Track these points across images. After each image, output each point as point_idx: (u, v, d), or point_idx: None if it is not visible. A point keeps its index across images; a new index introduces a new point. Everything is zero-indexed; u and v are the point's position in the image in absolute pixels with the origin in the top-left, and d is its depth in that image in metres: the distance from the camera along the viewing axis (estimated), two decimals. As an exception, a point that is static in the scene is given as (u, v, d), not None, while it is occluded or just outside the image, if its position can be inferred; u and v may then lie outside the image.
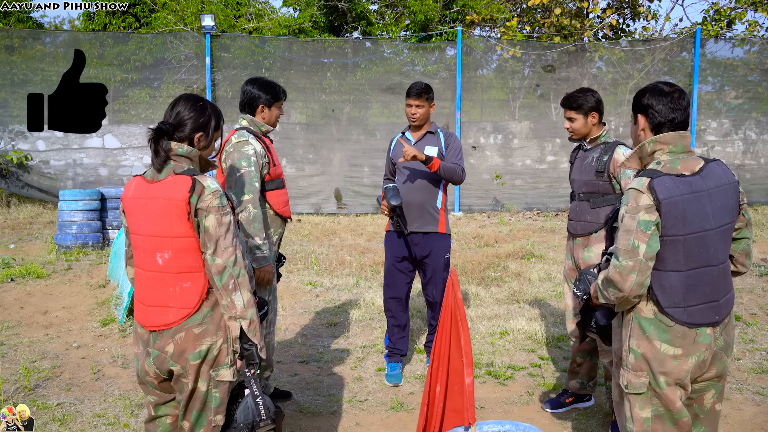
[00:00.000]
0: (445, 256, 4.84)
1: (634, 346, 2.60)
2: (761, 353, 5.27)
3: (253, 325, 2.67)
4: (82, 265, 7.96)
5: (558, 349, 5.45)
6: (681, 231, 2.49)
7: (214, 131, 2.81)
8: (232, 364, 2.72)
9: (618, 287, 2.52)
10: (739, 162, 13.26)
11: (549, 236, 9.98)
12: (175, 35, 12.66)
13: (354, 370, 5.10)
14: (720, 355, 2.62)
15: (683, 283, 2.52)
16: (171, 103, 2.77)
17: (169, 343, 2.66)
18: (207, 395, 2.70)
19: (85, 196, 8.99)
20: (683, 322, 2.52)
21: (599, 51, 13.42)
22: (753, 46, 13.55)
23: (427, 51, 13.25)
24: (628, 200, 2.52)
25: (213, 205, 2.59)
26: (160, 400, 2.84)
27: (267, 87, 4.08)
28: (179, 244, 2.62)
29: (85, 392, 4.67)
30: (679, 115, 2.59)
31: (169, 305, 2.66)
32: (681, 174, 2.52)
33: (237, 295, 2.62)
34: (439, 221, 4.82)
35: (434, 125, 4.91)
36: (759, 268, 7.63)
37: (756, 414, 4.28)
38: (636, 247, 2.47)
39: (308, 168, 12.90)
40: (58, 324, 6.09)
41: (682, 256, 2.51)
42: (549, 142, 13.12)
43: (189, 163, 2.70)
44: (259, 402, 2.74)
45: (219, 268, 2.59)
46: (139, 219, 2.70)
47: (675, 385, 2.57)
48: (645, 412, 2.59)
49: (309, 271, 7.88)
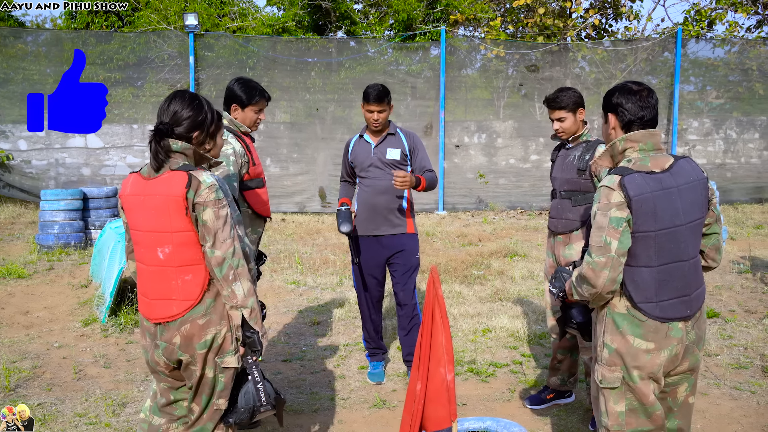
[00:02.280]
0: (416, 256, 4.77)
1: (608, 341, 2.64)
2: (739, 349, 5.34)
3: (254, 313, 2.75)
4: (64, 265, 7.91)
5: (539, 346, 5.49)
6: (652, 227, 2.53)
7: (209, 128, 2.86)
8: (236, 351, 2.80)
9: (591, 283, 2.56)
10: (720, 161, 13.40)
11: (532, 235, 10.04)
12: (159, 34, 12.60)
13: (337, 369, 5.11)
14: (692, 349, 2.67)
15: (655, 279, 2.56)
16: (165, 101, 2.80)
17: (176, 335, 2.74)
18: (214, 381, 2.80)
19: (67, 195, 8.94)
20: (656, 316, 2.56)
21: (582, 51, 13.51)
22: (733, 47, 13.71)
23: (411, 50, 13.28)
24: (600, 198, 2.57)
25: (210, 199, 2.66)
26: (173, 387, 2.94)
27: (244, 87, 4.03)
28: (179, 238, 2.69)
29: (66, 392, 4.65)
30: (648, 113, 2.63)
31: (172, 298, 2.74)
32: (651, 171, 2.57)
33: (237, 285, 2.70)
34: (407, 223, 4.74)
35: (392, 125, 4.76)
36: (738, 266, 7.72)
37: (733, 409, 4.34)
38: (608, 243, 2.51)
39: (292, 167, 12.89)
40: (39, 324, 6.06)
41: (654, 252, 2.55)
42: (533, 141, 13.19)
43: (184, 158, 2.75)
44: (260, 388, 2.83)
45: (218, 259, 2.67)
46: (139, 215, 2.77)
47: (648, 379, 2.61)
48: (619, 406, 2.64)
49: (292, 270, 7.88)
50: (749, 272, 7.47)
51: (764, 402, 4.43)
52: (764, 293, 6.77)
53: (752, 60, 13.45)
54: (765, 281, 7.11)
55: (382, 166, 4.68)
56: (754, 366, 5.02)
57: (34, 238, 8.98)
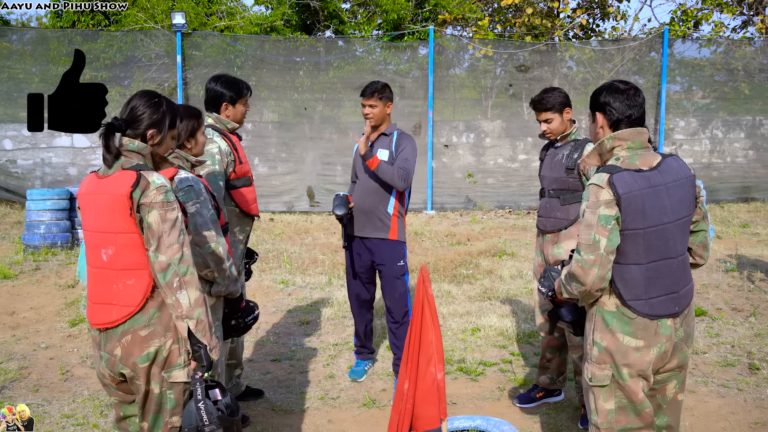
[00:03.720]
0: (399, 263, 4.67)
1: (598, 339, 2.65)
2: (726, 347, 5.37)
3: (201, 325, 2.59)
4: (51, 266, 7.85)
5: (529, 345, 5.50)
6: (641, 224, 2.54)
7: (168, 129, 2.74)
8: (186, 365, 2.66)
9: (580, 281, 2.57)
10: (706, 160, 13.49)
11: (521, 234, 10.07)
12: (146, 33, 12.52)
13: (326, 368, 5.10)
14: (681, 346, 2.69)
15: (644, 276, 2.58)
16: (128, 99, 2.72)
17: (117, 347, 2.62)
18: (161, 397, 2.66)
19: (53, 195, 8.86)
20: (645, 314, 2.58)
21: (570, 50, 13.56)
22: (719, 47, 13.80)
23: (399, 50, 13.27)
24: (589, 196, 2.58)
25: (156, 201, 2.53)
26: (124, 401, 2.81)
27: (230, 84, 4.03)
28: (122, 240, 2.57)
29: (53, 393, 4.61)
30: (635, 112, 2.65)
31: (112, 302, 2.61)
32: (639, 169, 2.58)
33: (182, 294, 2.55)
34: (390, 228, 4.62)
35: (392, 127, 4.69)
36: (725, 264, 7.77)
37: (721, 406, 4.37)
38: (597, 241, 2.52)
39: (281, 166, 12.86)
40: (25, 325, 6.00)
41: (643, 249, 2.56)
42: (521, 141, 13.22)
43: (140, 159, 2.64)
44: (201, 407, 2.63)
45: (162, 265, 2.53)
46: (89, 214, 2.67)
47: (638, 377, 2.62)
48: (609, 404, 2.65)
49: (281, 269, 7.85)
50: (736, 270, 7.52)
51: (751, 399, 4.46)
52: (750, 291, 6.82)
53: (738, 60, 13.54)
54: (751, 279, 7.16)
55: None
56: (741, 363, 5.05)
57: (20, 238, 8.91)
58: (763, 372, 4.87)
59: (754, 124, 13.69)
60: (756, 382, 4.72)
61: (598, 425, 2.70)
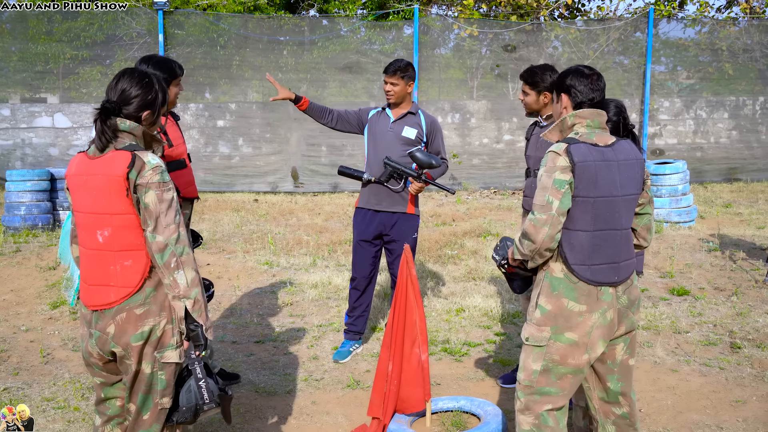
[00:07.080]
0: (413, 236, 4.85)
1: (542, 303, 2.82)
2: (708, 326, 5.41)
3: (198, 304, 2.60)
4: (32, 247, 7.76)
5: (513, 325, 5.51)
6: (592, 193, 2.74)
7: (160, 107, 2.74)
8: (178, 346, 2.65)
9: (531, 239, 2.74)
10: (690, 141, 13.54)
11: (506, 214, 10.07)
12: (127, 11, 12.33)
13: (310, 349, 5.09)
14: (626, 313, 2.86)
15: (590, 243, 2.76)
16: (114, 79, 2.68)
17: (110, 324, 2.60)
18: (152, 377, 2.64)
19: (33, 176, 8.74)
20: (587, 279, 2.75)
21: (555, 30, 13.51)
22: (704, 27, 13.80)
23: (384, 29, 13.17)
24: (547, 161, 2.77)
25: (153, 181, 2.53)
26: (107, 382, 2.78)
27: (162, 65, 3.81)
28: (119, 221, 2.56)
29: (33, 376, 4.57)
30: (597, 96, 2.87)
31: (110, 284, 2.60)
32: (595, 144, 2.79)
33: (180, 274, 2.56)
34: (408, 201, 4.81)
35: (415, 105, 4.87)
36: (707, 244, 7.82)
37: (702, 385, 4.41)
38: (550, 202, 2.71)
39: (265, 147, 12.76)
40: (5, 307, 5.94)
41: (591, 217, 2.76)
42: (506, 121, 13.20)
43: (132, 138, 2.63)
44: (202, 385, 2.67)
45: (160, 245, 2.53)
46: (81, 196, 2.64)
47: (578, 345, 2.77)
48: (536, 365, 2.84)
49: (265, 251, 7.81)
50: (718, 250, 7.56)
51: (733, 378, 4.50)
52: (733, 271, 6.87)
53: (722, 40, 13.56)
54: (733, 259, 7.21)
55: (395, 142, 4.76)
56: (723, 343, 5.09)
57: None
58: (745, 351, 4.92)
59: (737, 105, 13.74)
60: (737, 361, 4.76)
61: (520, 380, 2.91)
